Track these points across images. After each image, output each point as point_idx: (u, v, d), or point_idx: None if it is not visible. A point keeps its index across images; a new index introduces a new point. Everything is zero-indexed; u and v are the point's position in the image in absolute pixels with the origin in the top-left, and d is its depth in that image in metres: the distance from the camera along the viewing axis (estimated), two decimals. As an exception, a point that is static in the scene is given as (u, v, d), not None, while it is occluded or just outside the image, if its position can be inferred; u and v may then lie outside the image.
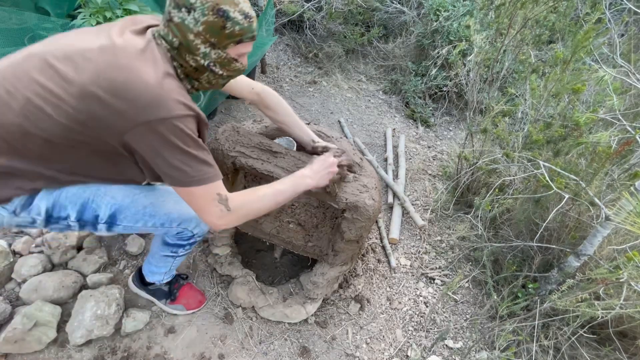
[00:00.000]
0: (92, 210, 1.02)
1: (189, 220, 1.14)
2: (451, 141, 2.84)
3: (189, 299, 1.50)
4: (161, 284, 1.46)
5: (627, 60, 1.45)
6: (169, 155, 0.87)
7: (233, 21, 0.88)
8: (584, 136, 1.46)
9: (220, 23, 0.87)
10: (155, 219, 1.09)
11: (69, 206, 1.00)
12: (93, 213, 1.03)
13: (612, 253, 1.42)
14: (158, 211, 1.09)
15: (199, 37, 0.89)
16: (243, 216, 1.01)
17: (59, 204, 0.99)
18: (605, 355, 1.39)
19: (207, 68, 0.95)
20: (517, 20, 1.75)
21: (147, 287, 1.47)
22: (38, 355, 1.33)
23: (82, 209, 1.01)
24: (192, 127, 0.89)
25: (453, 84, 2.95)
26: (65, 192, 0.99)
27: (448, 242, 2.03)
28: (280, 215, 1.53)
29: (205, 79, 0.98)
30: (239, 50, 0.96)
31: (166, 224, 1.11)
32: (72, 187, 1.00)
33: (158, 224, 1.10)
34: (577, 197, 1.39)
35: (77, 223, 1.03)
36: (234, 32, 0.90)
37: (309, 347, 1.50)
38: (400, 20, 3.43)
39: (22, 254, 1.57)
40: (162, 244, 1.25)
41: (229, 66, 0.97)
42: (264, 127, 1.56)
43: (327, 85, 3.22)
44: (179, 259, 1.33)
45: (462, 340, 1.62)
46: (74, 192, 1.00)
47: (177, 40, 0.90)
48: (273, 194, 1.05)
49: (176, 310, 1.48)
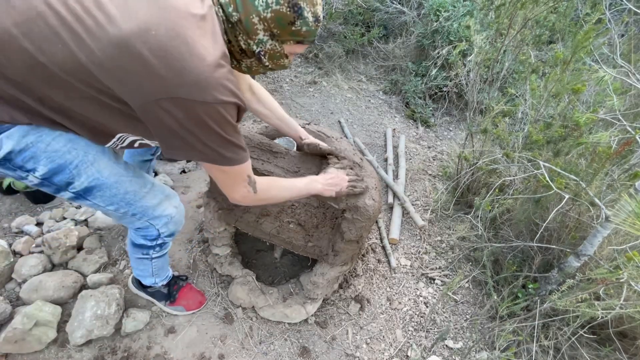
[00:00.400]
0: (69, 175, 0.90)
1: (159, 217, 1.11)
2: (451, 141, 2.84)
3: (189, 300, 1.50)
4: (160, 286, 1.45)
5: (627, 61, 1.45)
6: (203, 136, 0.80)
7: (304, 20, 0.84)
8: (584, 136, 1.46)
9: (290, 18, 0.83)
10: (130, 207, 1.04)
11: (43, 161, 0.86)
12: (67, 179, 0.91)
13: (612, 253, 1.42)
14: (136, 201, 1.04)
15: (263, 23, 0.83)
16: (264, 200, 1.03)
17: (31, 154, 0.84)
18: (605, 356, 1.39)
19: (256, 55, 0.90)
20: (517, 21, 1.75)
21: (146, 290, 1.47)
22: (38, 355, 1.33)
23: (57, 169, 0.88)
24: (232, 114, 0.82)
25: (453, 84, 2.95)
26: (45, 143, 0.84)
27: (448, 242, 2.03)
28: (281, 215, 1.53)
29: (247, 64, 0.94)
30: (294, 49, 0.92)
31: (137, 215, 1.07)
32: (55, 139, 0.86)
33: (129, 213, 1.05)
34: (577, 198, 1.39)
35: (40, 180, 0.89)
36: (299, 31, 0.86)
37: (309, 347, 1.50)
38: (400, 21, 3.43)
39: (22, 254, 1.58)
40: (131, 246, 1.22)
41: (277, 60, 0.93)
42: (264, 127, 1.56)
43: (327, 85, 3.22)
44: (156, 261, 1.29)
45: (462, 340, 1.62)
46: (57, 149, 0.86)
47: (237, 16, 0.83)
48: (290, 188, 1.10)
49: (176, 311, 1.49)
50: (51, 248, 1.55)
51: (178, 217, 1.18)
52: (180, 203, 1.19)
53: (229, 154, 0.86)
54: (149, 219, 1.10)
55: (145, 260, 1.27)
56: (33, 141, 0.83)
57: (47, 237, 1.55)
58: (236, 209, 1.51)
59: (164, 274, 1.42)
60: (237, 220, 1.50)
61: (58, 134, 0.86)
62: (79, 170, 0.91)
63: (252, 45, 0.88)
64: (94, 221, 1.79)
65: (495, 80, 2.26)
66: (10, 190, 1.81)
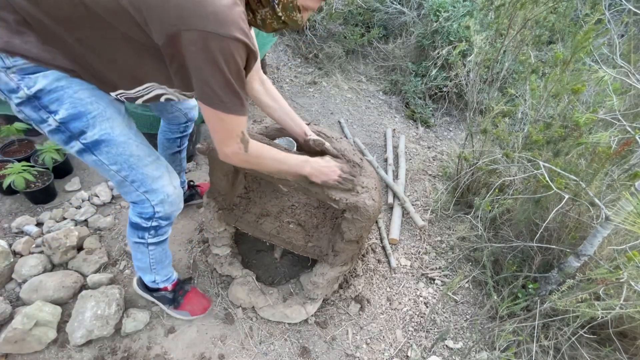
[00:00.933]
0: (85, 123, 0.95)
1: (156, 192, 1.11)
2: (451, 141, 2.85)
3: (194, 305, 1.49)
4: (165, 290, 1.45)
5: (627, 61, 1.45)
6: (208, 73, 0.83)
7: None
8: (584, 136, 1.46)
9: None
10: (131, 171, 1.05)
11: (66, 105, 0.92)
12: (83, 127, 0.95)
13: (612, 253, 1.42)
14: (139, 167, 1.06)
15: None
16: (252, 164, 1.05)
17: (58, 95, 0.91)
18: (605, 356, 1.39)
19: (270, 3, 0.92)
20: (517, 21, 1.76)
21: (151, 293, 1.46)
22: (38, 355, 1.33)
23: (76, 115, 0.93)
24: (242, 55, 0.85)
25: (453, 85, 2.95)
26: (73, 90, 0.92)
27: (448, 242, 2.03)
28: (281, 216, 1.53)
29: (262, 14, 0.95)
30: (307, 2, 0.94)
31: (136, 182, 1.08)
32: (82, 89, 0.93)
33: (129, 179, 1.06)
34: (577, 198, 1.39)
35: (57, 125, 0.94)
36: None
37: (309, 347, 1.50)
38: (400, 21, 3.43)
39: (22, 254, 1.58)
40: (129, 228, 1.22)
41: (290, 13, 0.94)
42: (264, 127, 1.57)
43: (327, 85, 3.22)
44: (154, 250, 1.28)
45: (462, 340, 1.62)
46: (82, 97, 0.93)
47: None
48: (282, 162, 1.11)
49: (181, 315, 1.48)
50: (51, 248, 1.55)
51: (174, 199, 1.16)
52: (180, 186, 1.19)
53: (226, 98, 0.87)
54: (146, 190, 1.10)
55: (141, 247, 1.25)
56: (63, 85, 0.90)
57: (47, 237, 1.56)
58: (236, 209, 1.51)
59: (164, 273, 1.40)
60: (237, 220, 1.50)
61: (86, 86, 0.94)
62: (95, 121, 0.96)
63: None
64: (94, 221, 1.79)
65: (495, 80, 2.27)
66: (10, 190, 1.81)
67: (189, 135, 1.64)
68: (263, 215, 1.51)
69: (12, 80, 0.87)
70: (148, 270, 1.35)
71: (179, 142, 1.62)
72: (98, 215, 1.83)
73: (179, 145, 1.63)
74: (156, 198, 1.12)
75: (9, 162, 1.80)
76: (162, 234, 1.25)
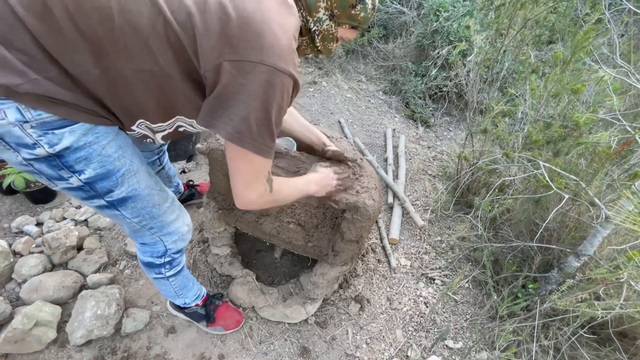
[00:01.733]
0: (114, 182, 0.87)
1: (171, 234, 1.10)
2: (451, 141, 2.85)
3: (227, 320, 1.47)
4: (197, 306, 1.43)
5: (627, 61, 1.45)
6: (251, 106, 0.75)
7: (364, 6, 0.89)
8: (584, 136, 1.46)
9: (352, 1, 0.87)
10: (152, 220, 1.03)
11: (94, 164, 0.82)
12: (111, 186, 0.88)
13: (612, 253, 1.42)
14: (159, 216, 1.03)
15: (327, 1, 0.87)
16: (275, 201, 0.96)
17: (86, 154, 0.80)
18: (605, 356, 1.39)
19: (310, 33, 0.92)
20: (517, 21, 1.75)
21: (184, 310, 1.45)
22: (38, 355, 1.33)
23: (104, 175, 0.85)
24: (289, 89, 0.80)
25: (453, 85, 2.95)
26: (100, 146, 0.82)
27: (448, 242, 2.03)
28: (281, 216, 1.53)
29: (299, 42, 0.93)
30: (346, 34, 0.95)
31: (154, 228, 1.05)
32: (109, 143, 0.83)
33: (147, 226, 1.04)
34: (577, 198, 1.39)
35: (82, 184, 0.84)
36: (357, 16, 0.90)
37: (309, 347, 1.50)
38: (400, 21, 3.43)
39: (22, 254, 1.58)
40: (143, 266, 1.21)
41: (328, 43, 0.95)
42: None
43: (327, 85, 3.22)
44: (174, 281, 1.26)
45: (462, 340, 1.62)
46: (110, 154, 0.84)
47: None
48: (295, 189, 1.05)
49: (215, 331, 1.47)
50: (51, 248, 1.55)
51: (188, 235, 1.17)
52: (190, 221, 1.18)
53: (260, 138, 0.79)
54: (162, 234, 1.08)
55: (162, 280, 1.24)
56: (91, 141, 0.80)
57: (47, 237, 1.55)
58: (236, 209, 1.51)
59: (191, 294, 1.37)
60: (237, 220, 1.50)
61: (112, 136, 0.85)
62: (123, 179, 0.89)
63: (310, 23, 0.90)
64: (94, 221, 1.79)
65: (495, 80, 2.27)
66: (10, 190, 1.81)
67: (165, 152, 1.59)
68: (263, 215, 1.51)
69: (29, 136, 0.73)
70: (175, 297, 1.34)
71: (159, 161, 1.57)
72: (98, 215, 1.83)
73: (160, 163, 1.58)
74: (170, 239, 1.11)
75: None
76: (177, 265, 1.23)
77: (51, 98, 0.72)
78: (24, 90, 0.68)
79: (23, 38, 0.67)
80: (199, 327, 1.48)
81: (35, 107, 0.71)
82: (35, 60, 0.69)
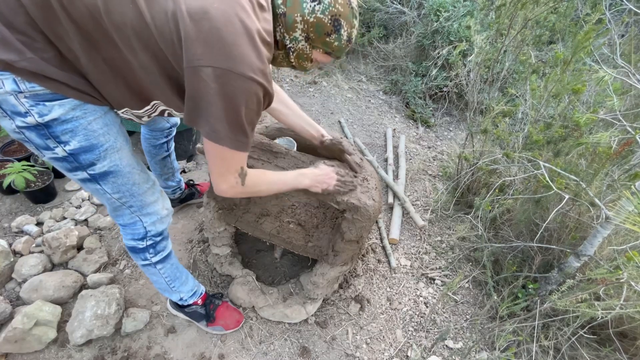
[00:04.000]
0: (96, 156, 0.93)
1: (150, 214, 1.13)
2: (451, 141, 2.85)
3: (227, 319, 1.48)
4: (196, 304, 1.44)
5: (627, 61, 1.45)
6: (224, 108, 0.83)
7: (339, 36, 0.93)
8: (584, 137, 1.46)
9: (328, 29, 0.92)
10: (131, 198, 1.07)
11: (79, 137, 0.89)
12: (93, 159, 0.94)
13: (612, 253, 1.42)
14: (139, 194, 1.07)
15: (304, 24, 0.91)
16: (249, 193, 1.04)
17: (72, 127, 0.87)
18: (605, 356, 1.39)
19: (286, 49, 0.97)
20: (518, 21, 1.75)
21: (184, 310, 1.45)
22: (38, 355, 1.33)
23: (88, 148, 0.91)
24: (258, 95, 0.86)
25: (453, 85, 2.95)
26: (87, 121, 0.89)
27: (448, 242, 2.03)
28: (281, 216, 1.53)
29: (275, 54, 0.99)
30: (320, 57, 1.00)
31: (133, 207, 1.09)
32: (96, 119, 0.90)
33: (127, 204, 1.08)
34: (578, 198, 1.39)
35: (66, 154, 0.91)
36: (332, 44, 0.95)
37: (309, 347, 1.50)
38: (400, 21, 3.43)
39: (22, 254, 1.58)
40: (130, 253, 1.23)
41: (302, 61, 1.00)
42: (264, 127, 1.57)
43: (328, 85, 3.22)
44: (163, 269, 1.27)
45: (462, 340, 1.62)
46: (95, 129, 0.91)
47: (283, 9, 0.91)
48: (278, 182, 1.11)
49: (215, 331, 1.47)
50: (51, 248, 1.55)
51: (167, 219, 1.20)
52: (171, 206, 1.21)
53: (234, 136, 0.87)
54: (141, 214, 1.12)
55: (150, 268, 1.25)
56: (78, 116, 0.88)
57: (47, 237, 1.56)
58: (236, 209, 1.51)
59: (186, 289, 1.38)
60: (237, 220, 1.50)
61: (99, 113, 0.92)
62: (106, 153, 0.95)
63: (286, 40, 0.95)
64: (94, 221, 1.79)
65: (496, 80, 2.27)
66: (10, 190, 1.81)
67: (173, 138, 1.64)
68: (263, 215, 1.51)
69: (22, 105, 0.81)
70: (169, 290, 1.34)
71: (166, 146, 1.61)
72: (98, 214, 1.83)
73: (167, 149, 1.63)
74: (149, 220, 1.14)
75: (9, 162, 1.80)
76: (162, 250, 1.24)
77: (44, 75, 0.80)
78: (20, 66, 0.77)
79: (24, 21, 0.76)
80: (199, 327, 1.48)
81: (30, 80, 0.79)
82: (34, 42, 0.77)
